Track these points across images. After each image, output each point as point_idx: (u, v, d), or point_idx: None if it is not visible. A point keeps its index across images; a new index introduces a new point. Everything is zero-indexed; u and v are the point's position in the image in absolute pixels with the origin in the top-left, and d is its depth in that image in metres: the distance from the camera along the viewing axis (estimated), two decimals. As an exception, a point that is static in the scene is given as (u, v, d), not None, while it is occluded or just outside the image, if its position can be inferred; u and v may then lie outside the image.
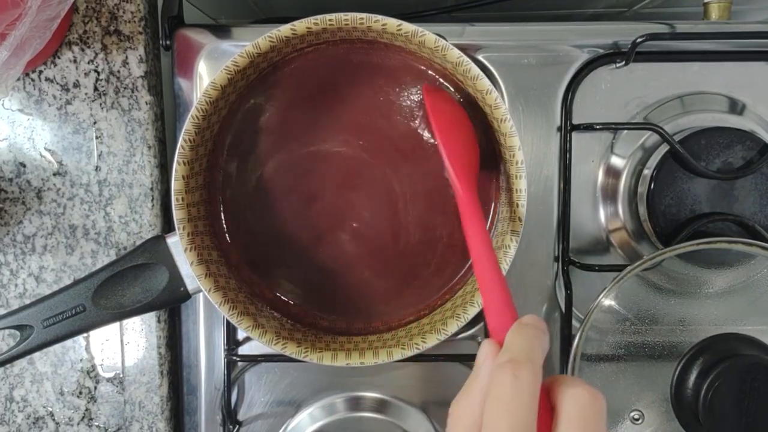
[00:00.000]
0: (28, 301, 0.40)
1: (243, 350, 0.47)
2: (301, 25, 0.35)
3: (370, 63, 0.40)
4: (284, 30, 0.35)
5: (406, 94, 0.40)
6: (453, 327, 0.38)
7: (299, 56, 0.40)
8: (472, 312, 0.37)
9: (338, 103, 0.41)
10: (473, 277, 0.41)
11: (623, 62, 0.44)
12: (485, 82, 0.36)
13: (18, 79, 0.44)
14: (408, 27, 0.35)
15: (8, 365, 0.46)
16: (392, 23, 0.35)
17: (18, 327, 0.37)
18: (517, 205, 0.37)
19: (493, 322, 0.29)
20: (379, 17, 0.35)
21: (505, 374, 0.24)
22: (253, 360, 0.46)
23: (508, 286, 0.31)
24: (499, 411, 0.24)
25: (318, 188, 0.41)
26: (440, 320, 0.39)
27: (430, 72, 0.40)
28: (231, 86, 0.37)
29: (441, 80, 0.40)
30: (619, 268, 0.41)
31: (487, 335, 0.45)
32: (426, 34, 0.35)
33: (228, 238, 0.41)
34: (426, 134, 0.41)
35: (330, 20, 0.35)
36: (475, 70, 0.36)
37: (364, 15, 0.35)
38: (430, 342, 0.37)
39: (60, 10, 0.36)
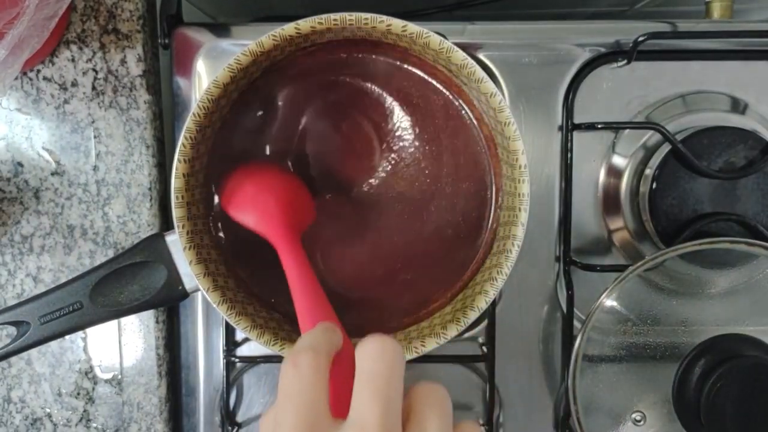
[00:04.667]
0: (25, 302, 0.40)
1: (242, 351, 0.46)
2: (305, 25, 0.35)
3: (373, 63, 0.40)
4: (288, 29, 0.35)
5: (407, 93, 0.40)
6: (453, 331, 0.37)
7: (302, 55, 0.40)
8: (473, 316, 0.37)
9: (341, 102, 0.40)
10: (474, 281, 0.40)
11: (625, 61, 0.43)
12: (489, 85, 0.35)
13: (16, 78, 0.43)
14: (413, 28, 0.35)
15: (6, 366, 0.46)
16: (397, 24, 0.35)
17: (15, 323, 0.37)
18: (520, 209, 0.36)
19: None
20: (384, 17, 0.35)
21: (286, 367, 0.25)
22: (252, 361, 0.46)
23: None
24: (284, 399, 0.24)
25: (319, 187, 0.41)
26: (440, 324, 0.39)
27: (432, 75, 0.40)
28: (233, 84, 0.37)
29: (441, 86, 0.40)
30: (620, 269, 0.41)
31: (487, 336, 0.45)
32: (431, 36, 0.35)
33: (227, 237, 0.41)
34: (428, 135, 0.41)
35: (334, 20, 0.35)
36: (480, 72, 0.35)
37: (368, 15, 0.35)
38: (430, 346, 0.37)
39: (58, 8, 0.35)
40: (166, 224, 0.46)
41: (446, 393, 0.26)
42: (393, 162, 0.41)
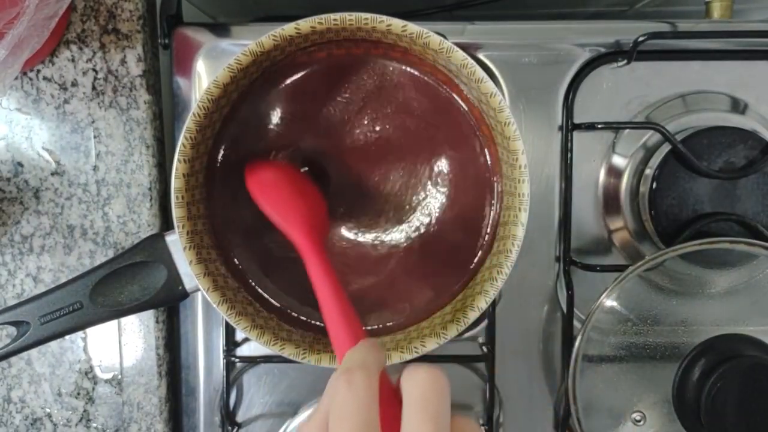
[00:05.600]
0: (25, 302, 0.40)
1: (242, 351, 0.46)
2: (305, 25, 0.35)
3: (373, 63, 0.40)
4: (288, 29, 0.35)
5: (408, 93, 0.40)
6: (453, 331, 0.37)
7: (302, 55, 0.40)
8: (473, 316, 0.37)
9: (341, 102, 0.40)
10: (474, 281, 0.40)
11: (625, 61, 0.43)
12: (490, 85, 0.35)
13: (16, 78, 0.43)
14: (413, 28, 0.35)
15: (6, 366, 0.46)
16: (397, 24, 0.35)
17: (15, 323, 0.37)
18: (520, 209, 0.36)
19: (339, 352, 0.31)
20: (384, 18, 0.35)
21: (340, 383, 0.25)
22: (252, 361, 0.46)
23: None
24: (340, 417, 0.25)
25: (320, 188, 0.41)
26: (440, 324, 0.39)
27: (432, 75, 0.40)
28: (233, 84, 0.37)
29: (442, 84, 0.40)
30: (620, 269, 0.41)
31: (487, 336, 0.45)
32: (431, 36, 0.35)
33: (227, 237, 0.41)
34: (428, 135, 0.41)
35: (334, 20, 0.35)
36: (480, 72, 0.35)
37: (368, 15, 0.35)
38: (430, 346, 0.37)
39: (58, 8, 0.35)
40: (166, 224, 0.46)
41: (443, 381, 0.26)
42: (392, 161, 0.41)
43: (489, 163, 0.40)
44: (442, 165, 0.41)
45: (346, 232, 0.42)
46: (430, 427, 0.24)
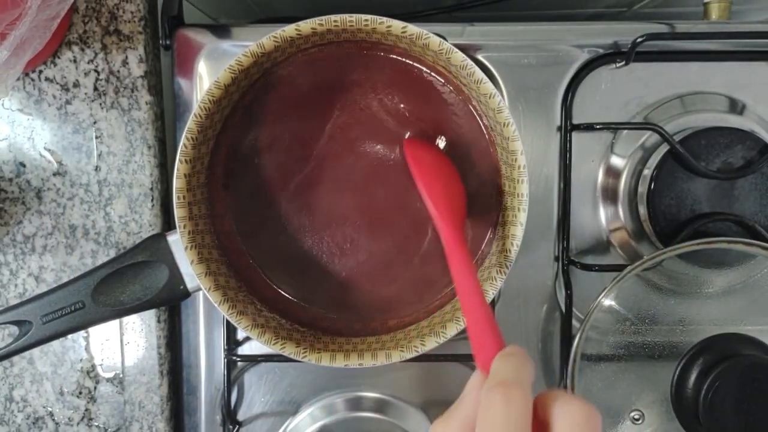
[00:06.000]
0: (27, 301, 0.40)
1: (243, 350, 0.47)
2: (305, 26, 0.35)
3: (374, 63, 0.40)
4: (289, 30, 0.35)
5: (409, 93, 0.40)
6: (452, 330, 0.37)
7: (303, 56, 0.40)
8: (472, 315, 0.37)
9: (342, 102, 0.41)
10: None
11: (623, 62, 0.44)
12: (489, 86, 0.36)
13: (18, 79, 0.44)
14: (412, 29, 0.35)
15: (8, 365, 0.46)
16: (397, 25, 0.35)
17: (17, 323, 0.37)
18: (519, 209, 0.36)
19: (482, 355, 0.29)
20: (384, 19, 0.35)
21: (496, 397, 0.24)
22: (253, 360, 0.46)
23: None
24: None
25: (320, 188, 0.41)
26: (439, 323, 0.39)
27: (432, 73, 0.40)
28: (234, 85, 0.37)
29: (444, 82, 0.40)
30: (619, 268, 0.41)
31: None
32: (430, 37, 0.35)
33: (228, 237, 0.41)
34: (429, 132, 0.41)
35: (334, 21, 0.35)
36: (479, 74, 0.35)
37: (369, 17, 0.35)
38: (429, 345, 0.37)
39: (60, 9, 0.36)
40: (168, 224, 0.46)
41: (598, 420, 0.25)
42: (391, 158, 0.41)
43: (488, 163, 0.40)
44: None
45: (346, 231, 0.42)
46: None
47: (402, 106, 0.41)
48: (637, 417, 0.42)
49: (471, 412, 0.26)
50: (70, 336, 0.45)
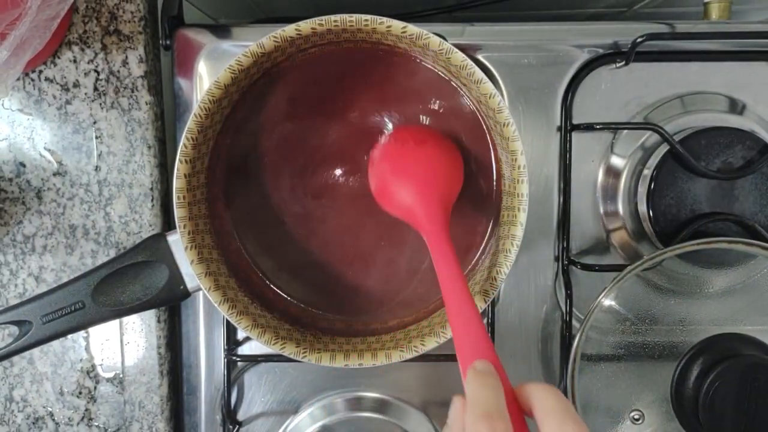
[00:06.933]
0: (27, 301, 0.40)
1: (243, 350, 0.47)
2: (305, 26, 0.35)
3: (374, 63, 0.40)
4: (289, 30, 0.35)
5: (410, 93, 0.40)
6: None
7: (303, 56, 0.40)
8: (472, 314, 0.37)
9: (342, 102, 0.41)
10: (474, 281, 0.40)
11: (623, 62, 0.44)
12: (489, 86, 0.36)
13: (18, 79, 0.44)
14: (412, 29, 0.35)
15: (8, 365, 0.46)
16: (397, 25, 0.35)
17: (17, 323, 0.37)
18: (519, 209, 0.36)
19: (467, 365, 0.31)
20: (384, 19, 0.35)
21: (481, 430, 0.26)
22: (253, 360, 0.46)
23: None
24: None
25: (320, 188, 0.41)
26: (439, 323, 0.39)
27: (432, 73, 0.40)
28: (234, 85, 0.37)
29: (448, 78, 0.40)
30: (619, 268, 0.41)
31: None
32: (430, 37, 0.35)
33: (228, 237, 0.41)
34: (431, 130, 0.41)
35: (335, 21, 0.35)
36: (479, 74, 0.35)
37: (369, 17, 0.35)
38: (429, 345, 0.37)
39: (60, 9, 0.36)
40: (168, 224, 0.46)
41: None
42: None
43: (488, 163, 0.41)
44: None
45: (346, 231, 0.42)
46: (584, 428, 0.26)
47: (402, 106, 0.41)
48: (637, 417, 0.42)
49: None
50: (70, 336, 0.45)
